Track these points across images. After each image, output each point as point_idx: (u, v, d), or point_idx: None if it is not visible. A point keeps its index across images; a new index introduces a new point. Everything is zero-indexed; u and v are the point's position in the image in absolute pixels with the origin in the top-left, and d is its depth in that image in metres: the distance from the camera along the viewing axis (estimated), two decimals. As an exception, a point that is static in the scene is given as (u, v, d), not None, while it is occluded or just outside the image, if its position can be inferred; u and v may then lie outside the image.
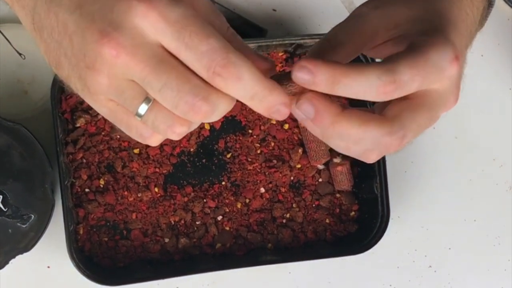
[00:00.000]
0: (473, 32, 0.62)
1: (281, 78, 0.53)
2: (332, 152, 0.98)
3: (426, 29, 0.55)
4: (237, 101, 0.53)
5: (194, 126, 0.53)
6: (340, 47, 0.57)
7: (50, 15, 0.53)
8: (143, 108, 0.51)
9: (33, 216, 0.88)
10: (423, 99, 0.54)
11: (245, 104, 0.52)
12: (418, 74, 0.51)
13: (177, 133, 0.52)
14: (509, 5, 1.03)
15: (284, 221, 0.99)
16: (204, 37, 0.48)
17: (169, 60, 0.50)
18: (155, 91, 0.50)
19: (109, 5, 0.49)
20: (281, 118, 0.52)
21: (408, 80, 0.51)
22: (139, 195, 0.94)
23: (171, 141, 0.95)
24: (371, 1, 0.59)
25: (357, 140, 0.53)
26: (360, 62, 0.90)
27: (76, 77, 0.52)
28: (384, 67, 0.50)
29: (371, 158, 0.55)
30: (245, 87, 0.49)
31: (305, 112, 0.53)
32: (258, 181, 0.98)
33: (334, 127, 0.52)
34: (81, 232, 0.93)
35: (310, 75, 0.50)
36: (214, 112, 0.51)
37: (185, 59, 0.49)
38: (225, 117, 0.95)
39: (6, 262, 0.87)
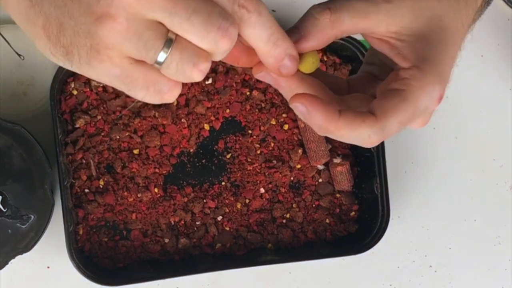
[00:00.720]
0: (466, 36, 0.62)
1: None
2: (332, 153, 0.98)
3: (422, 56, 0.56)
4: (237, 101, 0.53)
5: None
6: (339, 25, 0.56)
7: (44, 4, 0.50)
8: (164, 52, 0.49)
9: (32, 217, 0.88)
10: None
11: (245, 105, 0.52)
12: (405, 124, 0.55)
13: (202, 71, 0.50)
14: (509, 5, 1.02)
15: (284, 221, 0.99)
16: None
17: None
18: (184, 19, 0.48)
19: None
20: (288, 73, 0.53)
21: (395, 131, 0.54)
22: (139, 195, 0.94)
23: (170, 141, 0.95)
24: None
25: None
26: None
27: (83, 38, 0.49)
28: (376, 126, 0.53)
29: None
30: (265, 23, 0.51)
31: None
32: (258, 182, 0.98)
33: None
34: (80, 232, 0.93)
35: (306, 115, 0.53)
36: (233, 41, 0.50)
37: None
38: (224, 117, 0.95)
39: (6, 263, 0.87)
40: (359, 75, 0.64)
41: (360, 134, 0.53)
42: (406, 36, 0.57)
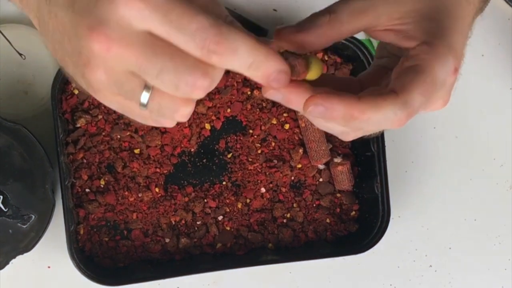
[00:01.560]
0: (472, 21, 0.63)
1: (288, 56, 0.54)
2: (333, 152, 0.98)
3: (430, 32, 0.56)
4: (238, 101, 0.54)
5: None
6: (338, 24, 0.57)
7: (51, 16, 0.52)
8: (144, 98, 0.50)
9: (33, 217, 0.88)
10: None
11: (246, 105, 0.52)
12: (427, 98, 0.54)
13: (183, 115, 0.52)
14: (509, 5, 1.02)
15: (284, 221, 0.99)
16: (192, 16, 0.47)
17: (161, 45, 0.48)
18: (153, 77, 0.49)
19: (93, 0, 0.48)
20: (280, 86, 0.52)
21: (419, 105, 0.54)
22: (140, 195, 0.94)
23: (171, 141, 0.95)
24: None
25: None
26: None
27: (79, 76, 0.51)
28: (399, 101, 0.53)
29: (348, 138, 0.59)
30: (242, 58, 0.49)
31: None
32: (259, 181, 0.98)
33: (309, 110, 0.54)
34: (81, 232, 0.93)
35: (326, 112, 0.52)
36: (213, 83, 0.50)
37: (176, 42, 0.48)
38: (225, 117, 0.95)
39: (7, 262, 0.87)
40: (371, 70, 0.64)
41: (386, 113, 0.53)
42: (410, 19, 0.57)
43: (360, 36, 1.00)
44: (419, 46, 0.56)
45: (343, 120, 0.53)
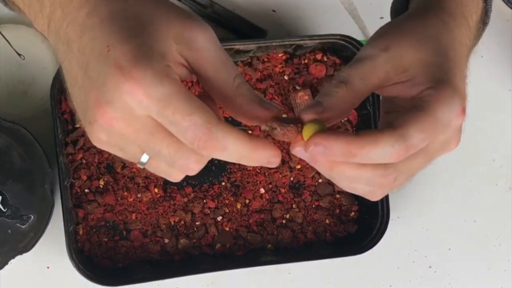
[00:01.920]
0: (467, 61, 0.66)
1: (283, 121, 0.57)
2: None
3: (434, 77, 0.58)
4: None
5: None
6: (355, 93, 0.59)
7: (66, 58, 0.56)
8: (144, 159, 0.55)
9: (32, 217, 0.88)
10: (423, 148, 0.57)
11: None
12: (427, 135, 0.55)
13: (177, 179, 0.59)
14: (509, 6, 1.03)
15: (284, 221, 0.98)
16: (186, 114, 0.51)
17: (159, 131, 0.53)
18: (151, 154, 0.54)
19: (102, 77, 0.51)
20: (273, 166, 0.56)
21: (418, 142, 0.55)
22: (139, 195, 0.94)
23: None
24: (378, 41, 0.61)
25: (354, 180, 0.58)
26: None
27: (86, 123, 0.55)
28: (396, 134, 0.54)
29: (375, 197, 0.60)
30: (230, 154, 0.53)
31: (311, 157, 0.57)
32: (258, 182, 0.98)
33: (334, 170, 0.57)
34: (80, 232, 0.93)
35: (326, 151, 0.54)
36: (205, 162, 0.56)
37: (172, 132, 0.52)
38: (225, 117, 0.95)
39: (6, 263, 0.87)
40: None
41: (384, 147, 0.54)
42: (413, 69, 0.59)
43: (359, 36, 1.00)
44: (424, 91, 0.58)
45: (343, 157, 0.55)
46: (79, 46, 0.54)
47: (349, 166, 0.57)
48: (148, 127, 0.52)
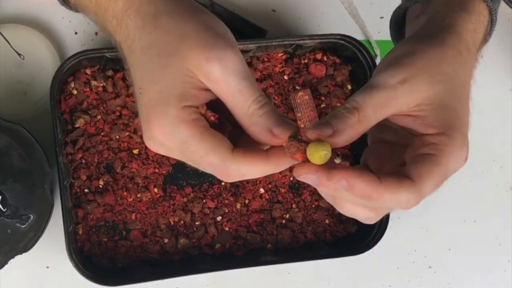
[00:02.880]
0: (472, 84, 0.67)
1: (299, 141, 0.58)
2: (332, 153, 0.98)
3: (447, 121, 0.60)
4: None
5: None
6: (366, 121, 0.59)
7: (128, 73, 0.63)
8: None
9: (32, 217, 0.87)
10: None
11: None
12: (438, 185, 0.59)
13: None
14: (509, 6, 1.02)
15: (283, 221, 0.98)
16: (202, 155, 0.58)
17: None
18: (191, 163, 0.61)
19: (141, 114, 0.60)
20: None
21: (429, 194, 0.58)
22: (139, 195, 0.94)
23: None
24: (395, 70, 0.61)
25: (354, 208, 0.61)
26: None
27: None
28: (414, 190, 0.57)
29: (372, 222, 0.63)
30: (250, 176, 0.59)
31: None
32: (258, 182, 0.97)
33: (337, 200, 0.61)
34: (80, 232, 0.93)
35: (348, 187, 0.56)
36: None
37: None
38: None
39: (5, 262, 0.87)
40: (374, 147, 0.67)
41: (399, 198, 0.57)
42: (426, 106, 0.60)
43: (359, 36, 1.00)
44: (438, 136, 0.59)
45: (360, 197, 0.57)
46: (129, 75, 0.62)
47: (352, 197, 0.59)
48: (182, 158, 0.60)
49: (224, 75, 0.57)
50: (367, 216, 0.61)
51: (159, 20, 0.59)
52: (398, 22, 0.78)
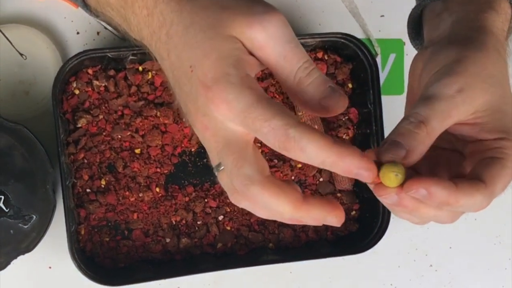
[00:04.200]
0: None
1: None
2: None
3: (505, 126, 0.61)
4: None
5: None
6: (433, 134, 0.59)
7: (163, 70, 0.60)
8: (217, 168, 0.58)
9: (34, 217, 0.87)
10: None
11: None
12: (505, 189, 0.59)
13: (236, 202, 0.60)
14: (509, 5, 1.02)
15: (285, 220, 0.98)
16: (266, 120, 0.53)
17: (236, 144, 0.56)
18: (221, 166, 0.57)
19: (194, 93, 0.56)
20: (365, 180, 0.55)
21: (499, 195, 0.59)
22: (140, 195, 0.94)
23: (172, 141, 0.95)
24: (452, 80, 0.61)
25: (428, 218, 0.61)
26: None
27: (189, 122, 0.60)
28: (488, 192, 0.57)
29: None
30: (310, 156, 0.53)
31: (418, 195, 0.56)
32: (259, 181, 0.97)
33: (414, 213, 0.59)
34: (82, 232, 0.93)
35: (427, 196, 0.55)
36: (255, 197, 0.56)
37: (258, 138, 0.55)
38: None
39: (8, 263, 0.87)
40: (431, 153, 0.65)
41: (475, 201, 0.57)
42: (482, 112, 0.60)
43: (360, 34, 1.00)
44: (500, 141, 0.60)
45: (439, 204, 0.57)
46: (169, 64, 0.58)
47: (430, 209, 0.58)
48: (227, 139, 0.56)
49: (267, 40, 0.56)
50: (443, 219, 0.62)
51: None
52: (416, 20, 0.78)
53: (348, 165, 0.53)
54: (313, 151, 0.53)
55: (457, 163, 0.63)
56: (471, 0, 0.69)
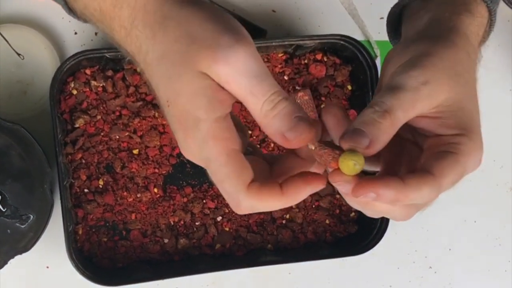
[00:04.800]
0: None
1: (324, 143, 0.58)
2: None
3: (466, 123, 0.61)
4: (237, 102, 0.56)
5: None
6: (396, 124, 0.59)
7: (148, 84, 0.61)
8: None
9: (32, 217, 0.87)
10: None
11: (244, 105, 0.55)
12: (453, 185, 0.59)
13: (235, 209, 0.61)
14: (509, 6, 1.02)
15: (283, 221, 0.98)
16: (219, 181, 0.57)
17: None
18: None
19: (173, 128, 0.58)
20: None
21: (446, 190, 0.59)
22: (139, 195, 0.94)
23: (170, 141, 0.95)
24: (418, 72, 0.61)
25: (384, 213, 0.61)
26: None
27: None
28: (436, 185, 0.57)
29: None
30: (267, 209, 0.58)
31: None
32: (258, 182, 0.97)
33: (367, 207, 0.61)
34: (80, 232, 0.93)
35: (376, 198, 0.56)
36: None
37: None
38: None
39: (5, 262, 0.87)
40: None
41: (423, 195, 0.57)
42: (445, 107, 0.60)
43: (359, 36, 1.00)
44: (458, 136, 0.60)
45: (390, 203, 0.57)
46: (151, 88, 0.59)
47: (382, 204, 0.59)
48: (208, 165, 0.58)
49: (233, 75, 0.55)
50: (397, 215, 0.62)
51: (168, 28, 0.57)
52: (395, 19, 0.78)
53: (301, 198, 0.58)
54: (264, 209, 0.57)
55: (415, 156, 0.63)
56: (448, 0, 0.69)
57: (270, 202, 0.57)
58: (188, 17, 0.57)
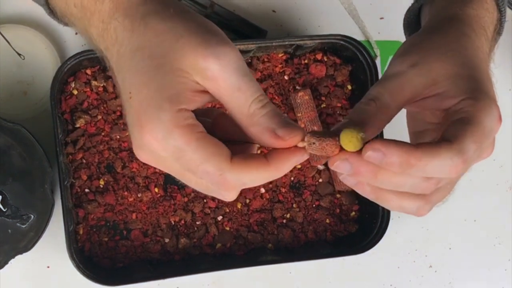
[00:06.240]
0: (489, 69, 0.67)
1: (319, 134, 0.57)
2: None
3: (469, 88, 0.60)
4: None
5: None
6: (385, 108, 0.59)
7: (115, 80, 0.60)
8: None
9: (32, 216, 0.88)
10: None
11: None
12: (480, 146, 0.57)
13: (228, 198, 0.60)
14: (509, 7, 1.02)
15: (284, 221, 0.99)
16: (198, 164, 0.55)
17: (185, 172, 0.57)
18: (187, 184, 0.59)
19: (131, 124, 0.57)
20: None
21: (473, 154, 0.56)
22: (139, 195, 0.95)
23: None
24: (404, 58, 0.62)
25: (399, 187, 0.58)
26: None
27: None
28: (454, 149, 0.55)
29: (424, 212, 0.61)
30: (255, 183, 0.56)
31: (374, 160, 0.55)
32: (258, 182, 0.97)
33: (378, 178, 0.57)
34: (81, 232, 0.93)
35: (384, 158, 0.54)
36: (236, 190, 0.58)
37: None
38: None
39: (6, 262, 0.87)
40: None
41: (443, 160, 0.55)
42: (444, 81, 0.60)
43: (359, 36, 1.00)
44: (463, 101, 0.59)
45: (400, 167, 0.55)
46: (117, 84, 0.59)
47: (394, 174, 0.56)
48: (175, 168, 0.57)
49: (222, 72, 0.55)
50: (416, 205, 0.60)
51: (150, 22, 0.57)
52: (412, 24, 0.78)
53: (287, 169, 0.57)
54: (253, 181, 0.56)
55: None
56: None
57: (258, 173, 0.55)
58: (173, 16, 0.57)
